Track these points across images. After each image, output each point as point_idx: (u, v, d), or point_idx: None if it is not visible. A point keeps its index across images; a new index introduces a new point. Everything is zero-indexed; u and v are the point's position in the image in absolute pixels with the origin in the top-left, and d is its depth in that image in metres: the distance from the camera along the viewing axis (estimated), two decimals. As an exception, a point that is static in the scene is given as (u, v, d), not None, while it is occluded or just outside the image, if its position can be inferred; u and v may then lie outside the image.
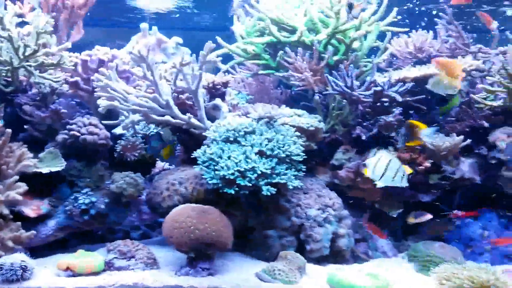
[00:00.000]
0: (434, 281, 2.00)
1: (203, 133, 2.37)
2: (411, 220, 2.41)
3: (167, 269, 2.09)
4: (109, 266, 2.05)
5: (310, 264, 2.20)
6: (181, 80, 2.41)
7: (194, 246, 1.99)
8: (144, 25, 3.57)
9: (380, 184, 2.01)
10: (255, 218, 2.34)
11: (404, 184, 2.01)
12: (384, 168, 1.98)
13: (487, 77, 2.45)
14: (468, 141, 2.39)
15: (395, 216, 2.59)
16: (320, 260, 2.27)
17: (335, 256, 2.31)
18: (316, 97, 2.70)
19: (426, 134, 2.24)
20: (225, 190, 2.11)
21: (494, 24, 2.81)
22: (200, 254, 2.03)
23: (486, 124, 2.46)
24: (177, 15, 4.56)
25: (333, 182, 2.55)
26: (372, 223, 2.45)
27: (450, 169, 2.45)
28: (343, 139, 2.65)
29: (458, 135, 2.42)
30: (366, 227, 2.45)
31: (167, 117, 2.39)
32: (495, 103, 2.43)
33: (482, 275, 1.90)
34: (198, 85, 2.39)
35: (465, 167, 2.45)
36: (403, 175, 1.99)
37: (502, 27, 2.75)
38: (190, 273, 2.01)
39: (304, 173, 2.30)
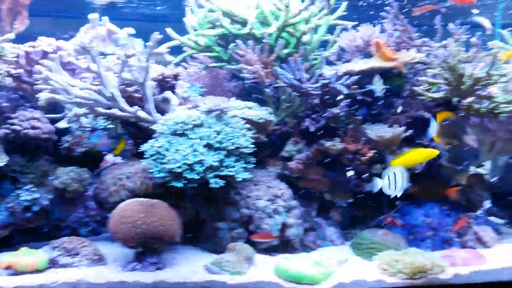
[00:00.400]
0: (376, 267, 2.08)
1: (152, 127, 2.35)
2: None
3: (115, 265, 2.07)
4: (53, 263, 2.01)
5: (260, 254, 2.23)
6: (128, 72, 2.37)
7: (141, 241, 1.97)
8: (93, 16, 3.47)
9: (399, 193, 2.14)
10: (205, 211, 2.35)
11: (407, 184, 2.15)
12: (401, 180, 2.12)
13: (428, 70, 2.54)
14: (409, 131, 2.48)
15: (344, 205, 2.67)
16: (270, 251, 2.30)
17: (285, 246, 2.35)
18: (267, 89, 2.73)
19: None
20: (172, 184, 2.10)
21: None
22: (148, 249, 2.01)
23: (428, 115, 2.55)
24: (131, 5, 4.45)
25: (284, 173, 2.58)
26: None
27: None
28: (293, 131, 2.69)
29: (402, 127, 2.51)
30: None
31: (114, 110, 2.35)
32: (437, 95, 2.53)
33: (420, 260, 1.99)
34: (145, 77, 2.36)
35: (408, 157, 2.54)
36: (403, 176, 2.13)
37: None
38: (137, 268, 2.00)
39: (255, 165, 2.32)
